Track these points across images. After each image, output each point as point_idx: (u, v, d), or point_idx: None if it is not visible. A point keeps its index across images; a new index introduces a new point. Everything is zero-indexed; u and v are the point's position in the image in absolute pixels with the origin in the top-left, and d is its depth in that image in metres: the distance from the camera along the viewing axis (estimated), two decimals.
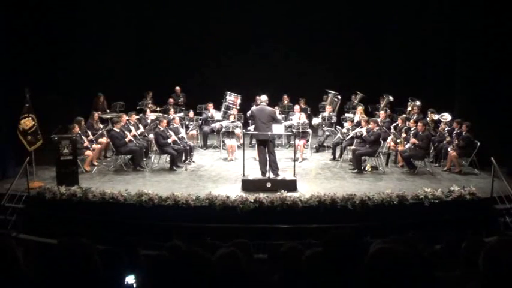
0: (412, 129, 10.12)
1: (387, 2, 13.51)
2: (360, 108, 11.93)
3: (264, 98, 8.98)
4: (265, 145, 8.65)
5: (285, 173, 8.91)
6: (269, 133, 8.58)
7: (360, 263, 2.16)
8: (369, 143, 9.82)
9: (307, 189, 8.45)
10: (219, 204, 7.71)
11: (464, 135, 9.57)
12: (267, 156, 8.67)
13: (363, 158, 9.95)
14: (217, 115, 12.04)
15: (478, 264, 2.37)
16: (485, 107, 9.77)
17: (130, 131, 10.19)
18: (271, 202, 7.71)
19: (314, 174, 9.83)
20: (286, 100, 13.07)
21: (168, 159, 10.22)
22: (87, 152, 9.83)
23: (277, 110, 11.33)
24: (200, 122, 12.20)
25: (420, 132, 9.71)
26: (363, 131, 10.02)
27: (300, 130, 10.78)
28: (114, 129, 9.91)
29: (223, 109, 11.94)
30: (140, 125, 10.87)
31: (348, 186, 8.83)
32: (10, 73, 9.44)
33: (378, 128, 9.96)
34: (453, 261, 3.19)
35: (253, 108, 9.28)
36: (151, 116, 11.64)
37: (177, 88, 13.48)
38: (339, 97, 12.71)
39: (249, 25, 13.86)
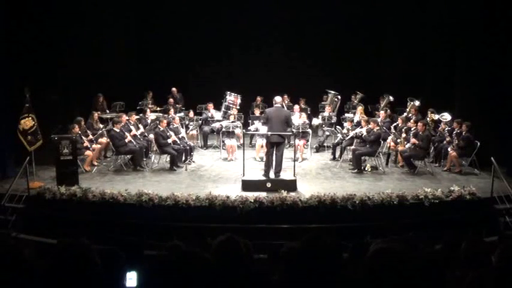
0: (412, 129, 10.12)
1: (387, 2, 13.51)
2: (360, 108, 11.93)
3: (278, 99, 8.97)
4: (276, 146, 8.64)
5: (285, 173, 8.90)
6: (269, 133, 8.56)
7: (338, 266, 2.18)
8: (369, 143, 9.82)
9: (307, 189, 8.45)
10: (219, 204, 7.71)
11: (464, 135, 9.57)
12: (274, 156, 8.65)
13: (362, 158, 9.95)
14: (217, 115, 12.05)
15: (481, 262, 2.38)
16: (485, 107, 9.78)
17: (130, 131, 10.19)
18: (271, 202, 7.71)
19: (314, 174, 9.83)
20: (286, 100, 13.07)
21: (168, 159, 10.22)
22: (87, 152, 9.83)
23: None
24: (200, 122, 12.20)
25: (420, 132, 9.71)
26: (363, 131, 10.02)
27: (300, 130, 10.78)
28: (114, 129, 9.91)
29: (223, 109, 11.94)
30: (140, 125, 10.87)
31: (348, 186, 8.82)
32: (10, 73, 9.44)
33: (378, 128, 9.97)
34: (453, 261, 3.19)
35: (269, 109, 9.22)
36: (151, 116, 11.64)
37: (173, 89, 13.47)
38: (339, 97, 12.71)
39: (249, 25, 13.86)
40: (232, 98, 11.92)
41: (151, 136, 10.41)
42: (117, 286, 2.64)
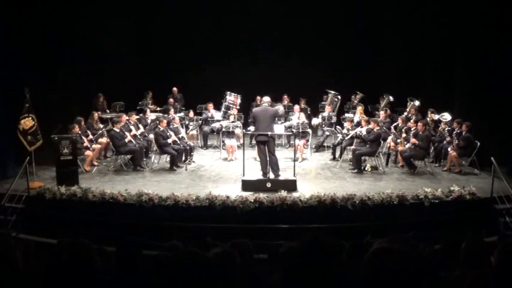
0: (412, 129, 10.12)
1: (387, 2, 13.51)
2: (360, 108, 11.93)
3: (266, 99, 8.99)
4: (266, 145, 8.65)
5: (285, 173, 8.90)
6: (269, 133, 8.58)
7: (338, 266, 2.18)
8: (369, 143, 9.82)
9: (307, 189, 8.44)
10: (219, 204, 7.71)
11: (464, 135, 9.57)
12: (268, 157, 8.66)
13: (363, 158, 9.95)
14: (217, 115, 12.05)
15: (481, 262, 2.38)
16: (485, 107, 9.77)
17: (130, 131, 10.19)
18: (271, 202, 7.71)
19: (314, 174, 9.83)
20: (286, 100, 13.08)
21: (168, 159, 10.22)
22: (87, 152, 9.83)
23: (280, 107, 11.35)
24: (200, 122, 12.20)
25: (420, 132, 9.72)
26: (363, 130, 10.02)
27: (300, 130, 10.78)
28: (114, 129, 9.92)
29: (223, 109, 11.94)
30: (140, 125, 10.87)
31: (348, 186, 8.82)
32: (10, 73, 9.44)
33: (378, 127, 9.97)
34: (453, 261, 3.19)
35: (255, 108, 9.26)
36: (151, 116, 11.64)
37: (174, 89, 13.46)
38: (339, 97, 12.71)
39: (249, 25, 13.86)
40: (232, 98, 11.92)
41: (151, 136, 10.41)
42: (116, 286, 2.64)
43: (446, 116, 10.75)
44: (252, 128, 10.97)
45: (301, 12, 14.00)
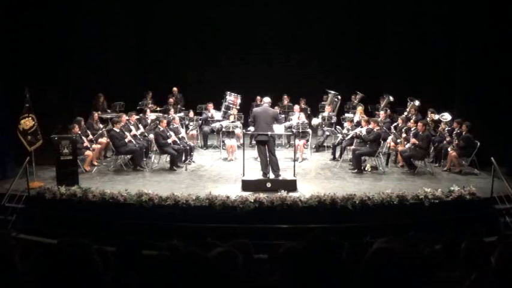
0: (412, 129, 10.12)
1: (387, 2, 13.51)
2: (360, 108, 11.92)
3: (267, 99, 9.02)
4: (266, 145, 8.66)
5: (285, 173, 8.90)
6: (269, 133, 8.58)
7: (338, 266, 2.18)
8: (369, 143, 9.82)
9: (307, 189, 8.45)
10: (219, 204, 7.71)
11: (464, 135, 9.57)
12: (268, 157, 8.67)
13: (362, 158, 9.95)
14: (217, 115, 12.04)
15: (481, 262, 2.38)
16: (485, 107, 9.77)
17: (130, 131, 10.20)
18: (271, 202, 7.71)
19: (314, 174, 9.83)
20: (286, 100, 13.08)
21: (168, 159, 10.23)
22: (87, 152, 9.84)
23: (277, 109, 11.36)
24: (200, 122, 12.20)
25: (420, 132, 9.71)
26: (363, 130, 10.02)
27: (300, 130, 10.78)
28: (114, 129, 9.92)
29: (223, 109, 11.93)
30: (140, 125, 10.87)
31: (348, 186, 8.83)
32: (10, 73, 9.43)
33: (378, 127, 9.96)
34: (453, 261, 3.19)
35: (256, 109, 9.28)
36: (151, 116, 11.65)
37: (174, 89, 13.47)
38: (339, 97, 12.70)
39: (250, 25, 13.86)
40: (232, 98, 11.91)
41: (151, 136, 10.41)
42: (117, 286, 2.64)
43: (446, 116, 10.75)
44: (252, 128, 10.98)
45: (302, 12, 14.00)
